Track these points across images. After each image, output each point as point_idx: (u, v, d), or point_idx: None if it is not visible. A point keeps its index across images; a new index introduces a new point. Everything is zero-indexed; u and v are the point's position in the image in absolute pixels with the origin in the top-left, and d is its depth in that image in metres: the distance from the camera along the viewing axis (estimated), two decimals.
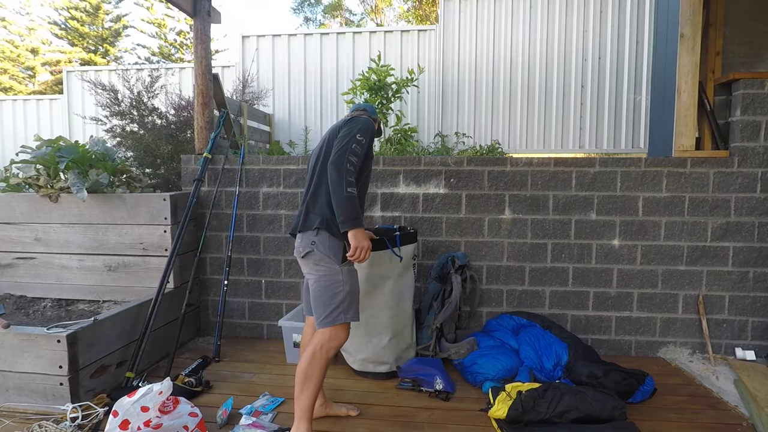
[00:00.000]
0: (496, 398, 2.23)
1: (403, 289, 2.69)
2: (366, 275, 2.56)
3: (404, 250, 2.67)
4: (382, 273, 2.61)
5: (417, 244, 2.77)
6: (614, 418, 2.14)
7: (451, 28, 6.13)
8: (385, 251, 2.58)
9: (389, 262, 2.61)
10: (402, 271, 2.68)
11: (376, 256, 2.53)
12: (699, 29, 3.05)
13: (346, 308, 1.92)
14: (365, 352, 2.66)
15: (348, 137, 1.93)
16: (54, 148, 3.10)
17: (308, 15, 21.86)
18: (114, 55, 18.08)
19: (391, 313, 2.63)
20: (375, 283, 2.59)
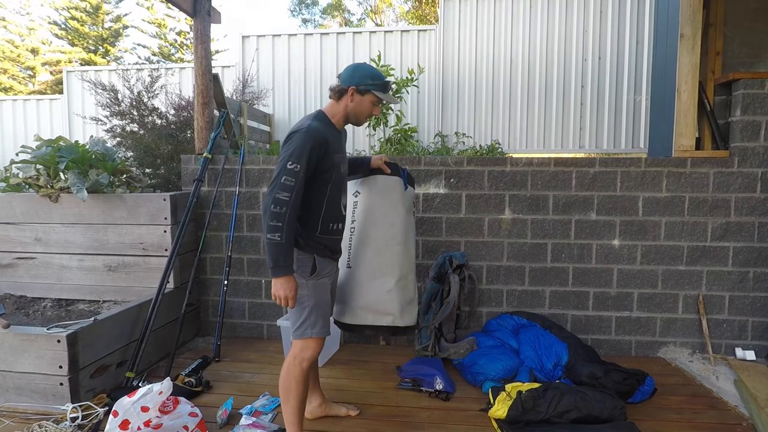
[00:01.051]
0: (496, 398, 2.23)
1: (409, 228, 2.37)
2: (375, 202, 2.27)
3: (410, 190, 2.43)
4: (393, 201, 2.29)
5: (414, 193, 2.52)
6: (614, 418, 2.14)
7: (451, 28, 6.13)
8: (397, 179, 2.30)
9: (399, 190, 2.31)
10: (409, 206, 2.39)
11: (390, 181, 2.28)
12: (699, 29, 3.05)
13: (312, 323, 1.87)
14: (366, 297, 2.24)
15: (278, 168, 1.73)
16: (54, 148, 3.09)
17: (306, 16, 21.88)
18: (114, 55, 18.08)
19: (400, 249, 2.27)
20: (385, 212, 2.27)
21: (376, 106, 1.94)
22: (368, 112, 1.95)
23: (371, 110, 1.95)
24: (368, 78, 1.89)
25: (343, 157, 1.98)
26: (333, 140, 1.86)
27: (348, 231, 2.23)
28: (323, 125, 1.85)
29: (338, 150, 1.91)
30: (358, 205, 2.30)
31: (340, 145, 1.95)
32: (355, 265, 2.20)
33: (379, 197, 2.27)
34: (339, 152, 1.91)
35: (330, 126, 1.90)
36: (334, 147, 1.86)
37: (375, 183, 2.27)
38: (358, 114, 1.94)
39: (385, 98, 1.93)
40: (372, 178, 2.28)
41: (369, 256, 2.23)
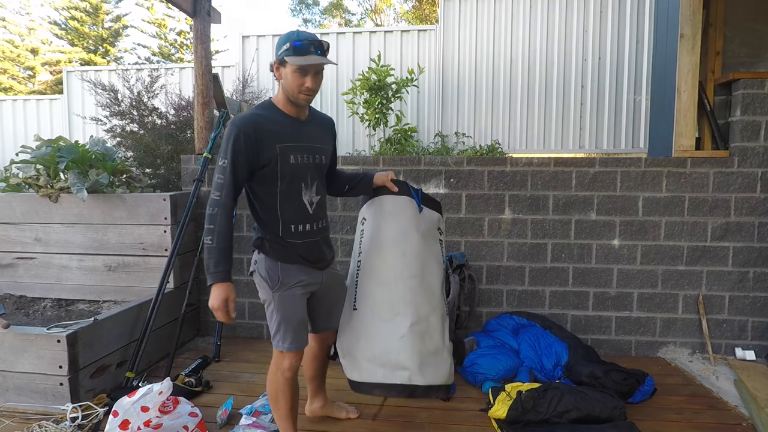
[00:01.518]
0: (496, 398, 2.23)
1: (429, 256, 1.95)
2: (382, 228, 1.91)
3: (427, 213, 2.02)
4: (404, 225, 1.90)
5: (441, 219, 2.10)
6: (614, 418, 2.14)
7: (451, 28, 6.13)
8: (407, 198, 1.95)
9: (411, 212, 1.95)
10: (427, 232, 1.99)
11: (399, 202, 1.93)
12: (699, 29, 3.05)
13: (282, 337, 1.75)
14: (373, 345, 1.82)
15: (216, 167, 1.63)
16: (54, 148, 3.09)
17: (306, 16, 21.88)
18: (114, 55, 18.09)
19: (414, 284, 1.84)
20: (394, 239, 1.87)
21: (302, 76, 1.59)
22: (297, 86, 1.61)
23: (299, 82, 1.60)
24: (282, 45, 1.60)
25: (303, 147, 1.71)
26: (276, 127, 1.65)
27: (354, 265, 1.92)
28: (262, 112, 1.67)
29: (286, 138, 1.66)
30: (364, 234, 1.96)
31: (292, 132, 1.68)
32: (361, 305, 1.84)
33: (387, 221, 1.91)
34: (288, 141, 1.66)
35: (274, 112, 1.69)
36: (277, 135, 1.64)
37: (381, 205, 1.95)
38: (290, 91, 1.63)
39: (297, 62, 1.55)
40: (377, 200, 1.96)
41: (376, 293, 1.82)
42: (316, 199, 1.78)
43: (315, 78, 1.62)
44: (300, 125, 1.73)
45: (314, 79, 1.62)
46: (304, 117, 1.75)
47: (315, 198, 1.77)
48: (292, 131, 1.69)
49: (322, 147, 1.80)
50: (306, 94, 1.63)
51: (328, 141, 1.86)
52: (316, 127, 1.79)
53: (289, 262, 1.74)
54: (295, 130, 1.70)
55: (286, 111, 1.70)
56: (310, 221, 1.76)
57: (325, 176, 1.89)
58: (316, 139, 1.77)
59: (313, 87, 1.62)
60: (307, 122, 1.75)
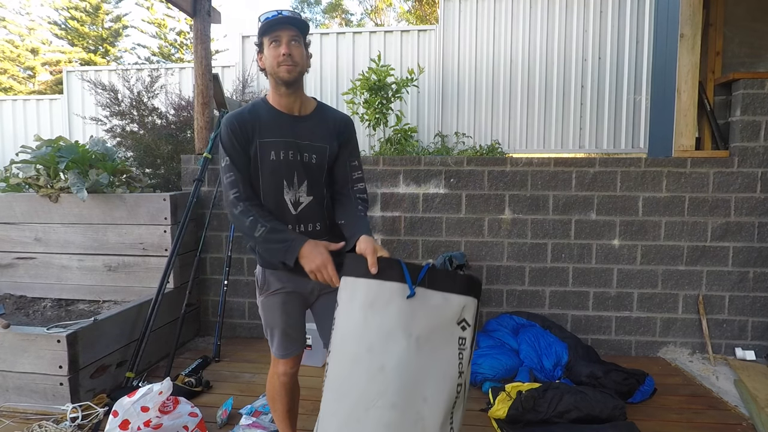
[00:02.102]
0: (496, 398, 2.23)
1: (429, 372, 1.32)
2: (354, 324, 1.35)
3: (437, 301, 1.38)
4: (386, 325, 1.32)
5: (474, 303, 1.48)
6: (614, 418, 2.14)
7: (451, 28, 6.13)
8: (395, 285, 1.35)
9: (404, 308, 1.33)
10: (431, 333, 1.34)
11: (382, 290, 1.35)
12: (699, 29, 3.05)
13: (270, 342, 1.74)
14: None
15: None
16: (54, 148, 3.09)
17: (308, 15, 21.88)
18: (114, 55, 18.09)
19: (391, 418, 1.25)
20: (369, 345, 1.32)
21: (276, 47, 1.54)
22: (275, 58, 1.54)
23: (276, 53, 1.54)
24: (258, 25, 1.58)
25: (288, 143, 1.60)
26: (260, 122, 1.59)
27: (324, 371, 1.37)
28: (251, 107, 1.64)
29: (269, 134, 1.59)
30: (336, 322, 1.38)
31: (278, 128, 1.60)
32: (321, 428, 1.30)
33: (361, 316, 1.34)
34: (269, 136, 1.59)
35: (263, 107, 1.63)
36: (259, 130, 1.58)
37: (354, 290, 1.36)
38: (270, 68, 1.57)
39: (266, 31, 1.54)
40: (351, 282, 1.38)
41: (335, 421, 1.28)
42: (305, 200, 1.64)
43: (291, 46, 1.54)
44: (291, 120, 1.63)
45: (290, 47, 1.54)
46: (300, 112, 1.65)
47: (304, 198, 1.64)
48: (278, 126, 1.60)
49: (316, 146, 1.65)
50: (286, 64, 1.53)
51: (329, 140, 1.67)
52: (315, 125, 1.66)
53: (270, 267, 1.66)
54: (283, 125, 1.61)
55: (276, 106, 1.63)
56: (292, 223, 1.62)
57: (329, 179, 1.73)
58: (310, 137, 1.64)
59: (288, 52, 1.52)
60: (304, 118, 1.65)
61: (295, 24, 1.55)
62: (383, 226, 3.23)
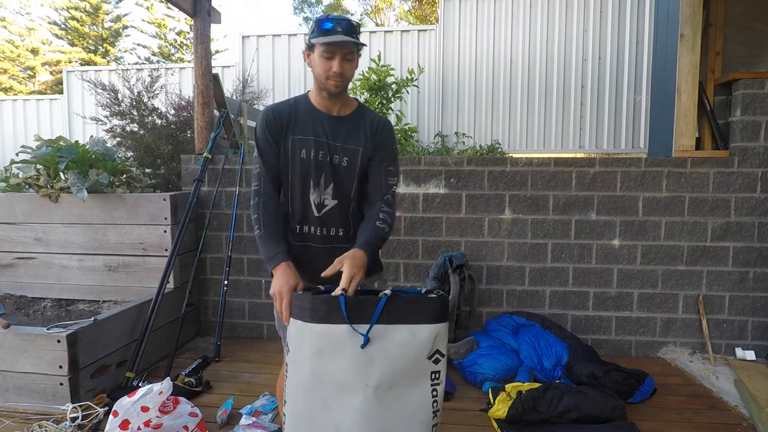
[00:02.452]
0: (496, 398, 2.23)
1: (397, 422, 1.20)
2: (309, 376, 1.21)
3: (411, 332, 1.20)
4: (339, 378, 1.18)
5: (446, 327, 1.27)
6: (614, 418, 2.14)
7: (451, 28, 6.13)
8: (345, 327, 1.18)
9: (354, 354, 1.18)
10: (395, 378, 1.19)
11: (324, 334, 1.19)
12: (699, 29, 3.05)
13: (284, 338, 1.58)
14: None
15: None
16: (54, 148, 3.10)
17: (308, 15, 21.88)
18: (114, 55, 18.09)
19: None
20: (324, 399, 1.19)
21: (328, 59, 1.47)
22: (325, 71, 1.48)
23: (327, 66, 1.47)
24: (312, 26, 1.50)
25: (320, 142, 1.56)
26: (296, 118, 1.57)
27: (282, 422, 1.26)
28: (292, 101, 1.62)
29: (302, 131, 1.56)
30: (287, 369, 1.26)
31: (312, 126, 1.57)
32: None
33: (309, 367, 1.19)
34: (302, 134, 1.56)
35: (304, 103, 1.61)
36: (294, 126, 1.57)
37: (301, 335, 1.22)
38: (318, 77, 1.52)
39: (322, 40, 1.44)
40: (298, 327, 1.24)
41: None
42: (330, 203, 1.60)
43: (344, 62, 1.48)
44: (329, 120, 1.59)
45: (343, 64, 1.48)
46: (339, 113, 1.61)
47: (329, 201, 1.60)
48: (312, 125, 1.57)
49: (349, 147, 1.59)
50: (334, 79, 1.49)
51: (363, 143, 1.60)
52: (351, 126, 1.61)
53: None
54: (318, 124, 1.57)
55: (316, 104, 1.60)
56: (314, 225, 1.60)
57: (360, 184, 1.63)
58: (344, 139, 1.59)
59: (340, 71, 1.47)
60: (341, 119, 1.60)
61: (352, 42, 1.47)
62: None
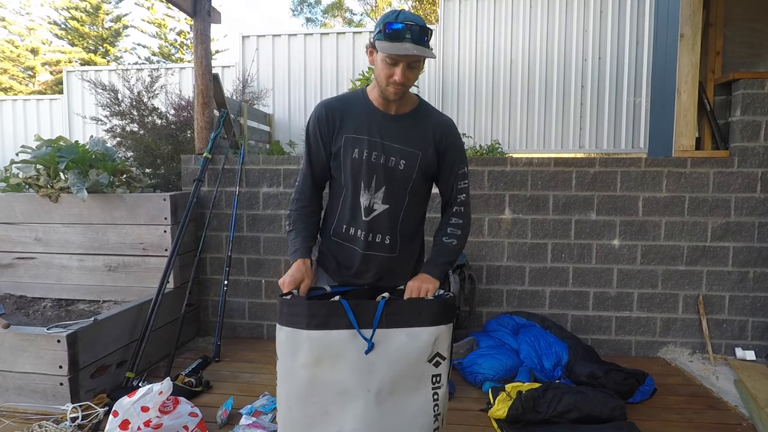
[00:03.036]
0: (496, 398, 2.23)
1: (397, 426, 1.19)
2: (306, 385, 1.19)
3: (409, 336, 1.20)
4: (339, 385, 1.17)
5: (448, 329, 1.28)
6: (614, 418, 2.14)
7: (451, 28, 6.13)
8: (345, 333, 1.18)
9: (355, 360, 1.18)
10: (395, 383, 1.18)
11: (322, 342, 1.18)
12: (699, 29, 3.05)
13: None
14: None
15: None
16: (54, 148, 3.09)
17: (309, 15, 21.88)
18: (114, 55, 18.09)
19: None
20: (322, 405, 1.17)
21: (392, 66, 1.35)
22: (386, 77, 1.37)
23: (390, 72, 1.36)
24: (378, 26, 1.37)
25: (374, 142, 1.46)
26: (352, 115, 1.48)
27: None
28: (348, 97, 1.54)
29: (356, 129, 1.47)
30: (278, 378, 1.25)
31: (368, 124, 1.47)
32: None
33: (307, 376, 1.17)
34: (357, 132, 1.47)
35: (361, 99, 1.50)
36: (349, 123, 1.48)
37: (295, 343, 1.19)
38: (379, 80, 1.41)
39: (386, 49, 1.31)
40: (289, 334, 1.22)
41: None
42: (380, 208, 1.49)
43: (408, 70, 1.36)
44: (383, 118, 1.48)
45: (406, 72, 1.36)
46: (398, 111, 1.49)
47: (378, 205, 1.49)
48: (367, 123, 1.47)
49: (406, 150, 1.48)
50: (395, 87, 1.38)
51: (424, 146, 1.50)
52: (410, 126, 1.50)
53: (321, 265, 1.61)
54: (373, 122, 1.47)
55: (374, 101, 1.49)
56: (362, 228, 1.51)
57: (420, 192, 1.56)
58: (402, 140, 1.48)
59: (402, 80, 1.35)
60: (398, 117, 1.49)
61: (422, 46, 1.34)
62: None
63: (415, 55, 1.32)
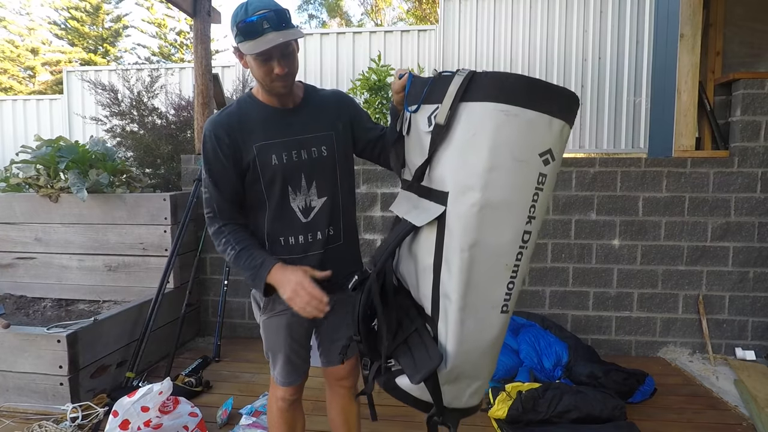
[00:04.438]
0: (496, 398, 2.23)
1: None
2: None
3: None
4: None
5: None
6: (614, 418, 2.14)
7: (451, 28, 6.12)
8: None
9: None
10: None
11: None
12: (699, 29, 3.05)
13: (272, 364, 1.56)
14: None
15: None
16: (54, 148, 3.09)
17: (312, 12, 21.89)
18: (114, 55, 18.09)
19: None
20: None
21: (266, 62, 1.26)
22: (266, 74, 1.28)
23: (267, 69, 1.27)
24: (232, 29, 1.27)
25: (288, 142, 1.37)
26: (251, 124, 1.37)
27: (517, 243, 1.03)
28: (237, 108, 1.40)
29: (264, 135, 1.36)
30: (545, 182, 1.05)
31: (273, 127, 1.37)
32: (512, 305, 1.09)
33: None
34: (266, 138, 1.36)
35: (252, 105, 1.40)
36: (252, 133, 1.36)
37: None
38: (261, 81, 1.33)
39: (251, 50, 1.21)
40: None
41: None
42: (318, 203, 1.42)
43: (284, 60, 1.27)
44: (286, 115, 1.40)
45: (283, 62, 1.26)
46: (293, 103, 1.42)
47: (316, 201, 1.42)
48: (273, 125, 1.38)
49: (320, 135, 1.41)
50: (280, 81, 1.30)
51: (332, 124, 1.44)
52: (312, 113, 1.43)
53: None
54: (278, 122, 1.38)
55: (266, 101, 1.40)
56: (304, 232, 1.41)
57: (347, 169, 1.50)
58: (311, 128, 1.41)
59: (284, 72, 1.27)
60: (297, 109, 1.42)
61: (284, 29, 1.24)
62: (383, 226, 3.23)
63: (282, 43, 1.21)
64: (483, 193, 0.99)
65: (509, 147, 0.98)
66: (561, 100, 1.02)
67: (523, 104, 0.97)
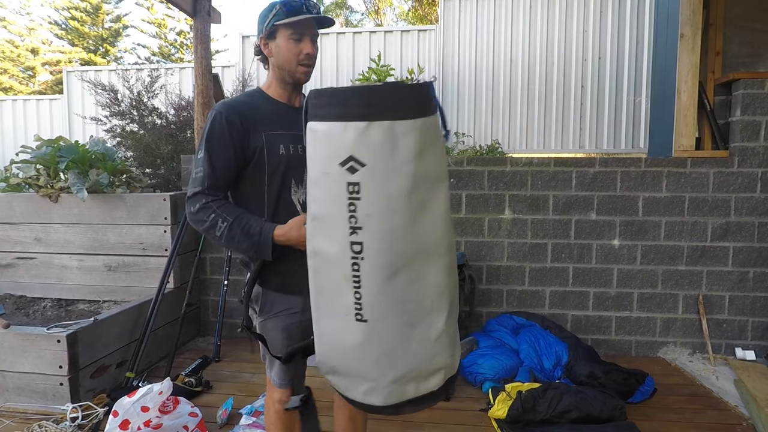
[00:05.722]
0: (496, 398, 2.23)
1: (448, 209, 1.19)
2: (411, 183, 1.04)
3: None
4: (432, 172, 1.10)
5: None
6: (614, 418, 2.14)
7: (451, 28, 6.13)
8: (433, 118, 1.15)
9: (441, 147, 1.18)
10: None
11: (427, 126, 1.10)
12: (699, 29, 3.05)
13: (268, 366, 1.54)
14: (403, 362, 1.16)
15: None
16: (54, 148, 3.09)
17: None
18: (114, 55, 18.09)
19: (448, 261, 1.15)
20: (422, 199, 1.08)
21: (299, 42, 1.37)
22: (294, 55, 1.38)
23: (297, 50, 1.38)
24: (268, 14, 1.38)
25: (294, 136, 1.40)
26: (261, 114, 1.41)
27: (347, 254, 1.05)
28: (248, 98, 1.46)
29: (273, 126, 1.40)
30: (361, 191, 1.03)
31: (281, 119, 1.42)
32: (374, 314, 1.09)
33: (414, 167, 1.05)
34: (275, 129, 1.40)
35: (262, 98, 1.46)
36: (262, 122, 1.40)
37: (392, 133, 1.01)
38: (286, 64, 1.40)
39: (295, 21, 1.34)
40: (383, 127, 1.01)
41: (399, 290, 1.09)
42: (301, 197, 1.46)
43: (313, 44, 1.40)
44: (293, 112, 1.45)
45: (313, 45, 1.40)
46: (299, 104, 1.48)
47: (302, 195, 1.45)
48: (282, 118, 1.43)
49: None
50: (306, 64, 1.40)
51: None
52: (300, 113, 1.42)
53: (270, 289, 1.45)
54: (286, 116, 1.44)
55: (276, 96, 1.46)
56: None
57: None
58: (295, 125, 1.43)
59: (312, 52, 1.39)
60: (293, 108, 1.49)
61: (322, 22, 1.42)
62: None
63: (315, 24, 1.40)
64: (311, 206, 1.11)
65: (317, 161, 1.08)
66: (353, 101, 1.02)
67: (316, 119, 1.06)
